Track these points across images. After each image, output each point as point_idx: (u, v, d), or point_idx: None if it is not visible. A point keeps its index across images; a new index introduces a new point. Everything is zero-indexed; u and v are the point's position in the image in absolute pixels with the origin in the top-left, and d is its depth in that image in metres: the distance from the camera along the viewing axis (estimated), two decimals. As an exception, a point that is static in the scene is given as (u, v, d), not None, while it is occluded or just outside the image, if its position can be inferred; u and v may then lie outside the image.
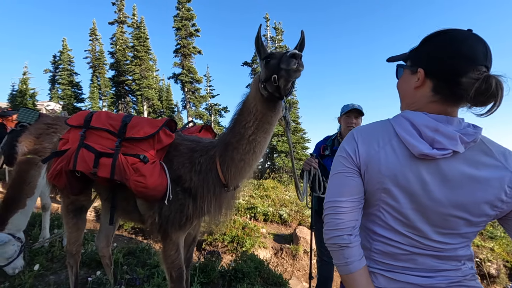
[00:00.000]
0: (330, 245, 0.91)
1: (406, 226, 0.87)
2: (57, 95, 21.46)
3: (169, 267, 1.87)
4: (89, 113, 1.98)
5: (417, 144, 0.82)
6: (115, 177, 1.72)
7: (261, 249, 4.96)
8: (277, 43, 22.97)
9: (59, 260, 3.10)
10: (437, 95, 0.85)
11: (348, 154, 0.92)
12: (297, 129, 21.15)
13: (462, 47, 0.80)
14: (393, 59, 1.03)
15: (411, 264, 0.89)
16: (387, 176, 0.86)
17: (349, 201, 0.89)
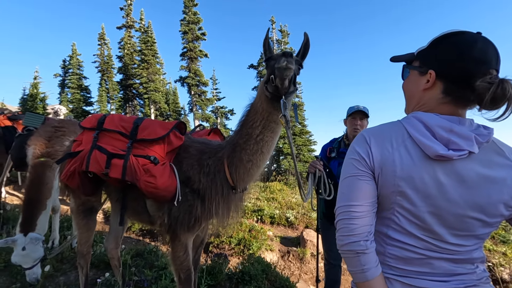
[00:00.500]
0: (345, 252, 0.87)
1: (422, 230, 0.85)
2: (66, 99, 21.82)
3: (177, 268, 1.89)
4: (103, 116, 2.03)
5: (432, 145, 0.81)
6: (126, 178, 1.75)
7: (268, 252, 4.94)
8: (283, 45, 22.99)
9: (68, 261, 3.15)
10: (448, 96, 0.85)
11: (361, 156, 0.89)
12: (303, 131, 21.08)
13: (474, 50, 0.80)
14: (398, 59, 1.03)
15: (427, 268, 0.86)
16: (402, 179, 0.83)
17: (364, 205, 0.87)
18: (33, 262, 2.48)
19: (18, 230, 2.50)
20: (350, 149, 0.95)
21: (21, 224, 2.52)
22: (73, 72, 22.48)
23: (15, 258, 2.41)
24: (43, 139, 2.97)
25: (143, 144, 1.85)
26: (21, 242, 2.41)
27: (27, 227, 2.50)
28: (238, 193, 1.86)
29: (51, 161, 2.82)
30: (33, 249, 2.46)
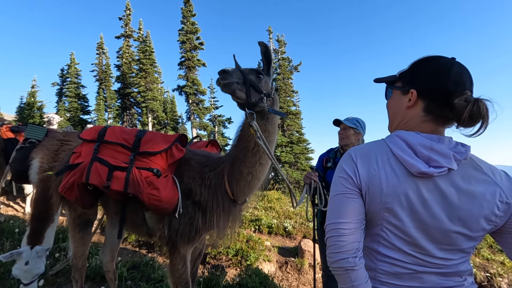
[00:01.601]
0: (335, 269, 0.89)
1: (410, 245, 0.88)
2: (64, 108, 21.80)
3: (175, 281, 1.88)
4: (103, 128, 2.04)
5: (414, 163, 0.86)
6: (129, 190, 1.75)
7: (266, 262, 4.88)
8: (280, 55, 23.27)
9: (63, 274, 3.09)
10: (429, 115, 0.92)
11: (348, 175, 0.93)
12: (301, 140, 21.15)
13: (451, 72, 0.88)
14: (380, 80, 1.11)
15: (417, 283, 0.89)
16: (389, 195, 0.87)
17: (352, 222, 0.89)
18: (32, 278, 2.42)
19: (25, 242, 2.46)
20: (338, 167, 0.99)
21: (28, 236, 2.48)
22: (71, 81, 22.54)
23: (16, 271, 2.37)
24: (49, 152, 2.88)
25: (145, 157, 1.87)
26: (26, 256, 2.37)
27: (35, 240, 2.47)
28: (238, 205, 1.87)
29: None
30: (35, 264, 2.40)
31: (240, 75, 1.56)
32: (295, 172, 19.41)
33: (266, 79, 1.70)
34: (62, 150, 2.94)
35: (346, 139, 2.60)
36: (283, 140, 20.55)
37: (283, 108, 21.36)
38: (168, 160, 1.90)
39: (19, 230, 3.77)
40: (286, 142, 20.60)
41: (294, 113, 21.92)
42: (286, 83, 22.28)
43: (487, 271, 5.41)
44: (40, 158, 2.85)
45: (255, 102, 1.60)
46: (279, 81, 22.20)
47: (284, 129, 21.62)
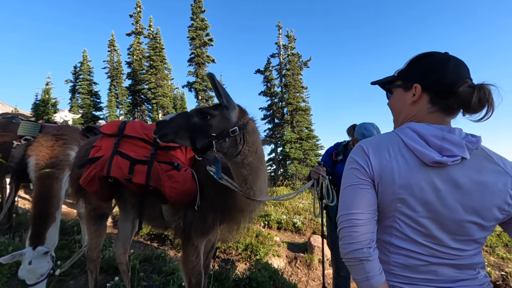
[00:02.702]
0: (349, 260, 0.89)
1: (424, 236, 0.88)
2: (77, 104, 22.26)
3: (188, 272, 1.91)
4: (122, 123, 2.09)
5: (428, 152, 0.86)
6: (150, 183, 1.80)
7: (275, 257, 4.91)
8: (289, 50, 23.08)
9: (78, 266, 3.19)
10: (435, 106, 0.95)
11: (360, 165, 0.93)
12: (310, 136, 21.00)
13: (449, 64, 0.92)
14: (378, 82, 1.16)
15: (431, 275, 0.89)
16: (401, 186, 0.87)
17: (365, 213, 0.89)
18: (37, 278, 2.38)
19: (27, 243, 2.44)
20: (349, 160, 0.99)
21: (30, 238, 2.46)
22: (84, 78, 22.95)
23: (21, 272, 2.34)
24: (44, 148, 2.90)
25: (166, 151, 1.92)
26: (28, 256, 2.33)
27: (37, 241, 2.45)
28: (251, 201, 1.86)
29: (57, 171, 2.79)
30: (39, 264, 2.38)
31: (179, 121, 1.51)
32: (304, 168, 19.32)
33: (221, 115, 1.54)
34: (57, 145, 2.94)
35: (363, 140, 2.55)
36: (292, 136, 20.45)
37: (292, 104, 21.24)
38: (187, 154, 1.95)
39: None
40: (295, 139, 20.49)
41: (304, 109, 21.76)
42: (296, 79, 22.10)
43: (502, 270, 5.29)
44: (36, 155, 2.85)
45: (203, 148, 1.52)
46: (288, 77, 22.05)
47: (293, 125, 21.50)
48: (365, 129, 2.47)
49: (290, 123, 21.81)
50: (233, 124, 1.56)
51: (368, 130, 2.45)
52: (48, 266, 2.44)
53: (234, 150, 1.57)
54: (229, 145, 1.56)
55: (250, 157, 1.61)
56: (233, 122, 1.56)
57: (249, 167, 1.62)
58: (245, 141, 1.59)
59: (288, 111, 21.86)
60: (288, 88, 21.87)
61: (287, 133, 20.87)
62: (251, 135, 1.62)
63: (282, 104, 22.59)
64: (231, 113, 1.56)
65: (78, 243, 3.60)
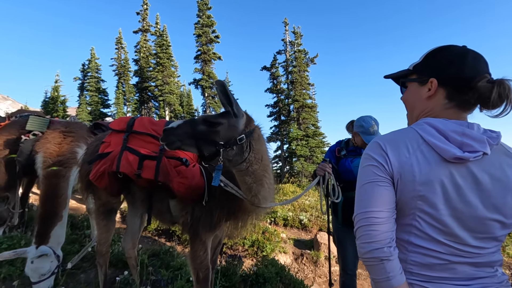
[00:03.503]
0: (369, 259, 0.86)
1: (445, 234, 0.85)
2: (85, 101, 22.58)
3: (196, 267, 1.92)
4: (131, 119, 2.11)
5: (449, 148, 0.84)
6: (159, 178, 1.81)
7: (282, 254, 4.93)
8: (296, 47, 22.94)
9: (88, 260, 3.25)
10: (452, 102, 0.92)
11: (379, 162, 0.90)
12: (317, 133, 20.91)
13: (468, 58, 0.89)
14: (392, 76, 1.12)
15: (449, 273, 0.86)
16: (422, 183, 0.84)
17: (384, 211, 0.86)
18: (39, 277, 2.36)
19: (33, 241, 2.46)
20: (365, 157, 0.96)
21: (35, 236, 2.48)
22: (92, 75, 23.26)
23: (26, 269, 2.36)
24: (52, 145, 2.89)
25: None
26: (31, 255, 2.33)
27: (41, 240, 2.44)
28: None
29: (64, 170, 2.79)
30: (40, 263, 2.37)
31: (186, 129, 1.49)
32: (311, 165, 19.26)
33: (229, 123, 1.53)
34: (65, 143, 2.92)
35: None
36: (299, 133, 20.39)
37: (299, 101, 21.15)
38: None
39: (47, 217, 3.97)
40: (302, 136, 20.42)
41: (310, 106, 21.66)
42: (302, 76, 21.98)
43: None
44: (43, 152, 2.84)
45: (210, 155, 1.51)
46: (294, 74, 21.94)
47: (299, 122, 21.43)
48: (363, 121, 2.48)
49: (297, 120, 21.74)
50: (240, 132, 1.55)
51: (367, 122, 2.47)
52: (50, 266, 2.43)
53: (240, 157, 1.56)
54: (235, 152, 1.55)
55: (255, 165, 1.60)
56: (240, 130, 1.55)
57: (254, 175, 1.61)
58: (251, 148, 1.58)
59: (295, 108, 21.79)
60: (294, 85, 21.78)
61: (293, 130, 20.82)
62: (257, 142, 1.62)
63: (289, 101, 22.52)
64: (239, 121, 1.56)
65: (88, 238, 3.66)
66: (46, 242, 2.46)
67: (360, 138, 2.53)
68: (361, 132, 2.50)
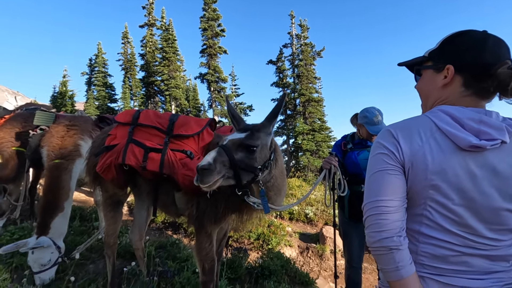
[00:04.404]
0: (378, 249, 0.85)
1: (458, 225, 0.83)
2: (93, 96, 22.80)
3: (202, 259, 1.94)
4: (136, 111, 2.12)
5: (465, 136, 0.80)
6: (164, 171, 1.82)
7: (287, 247, 4.94)
8: (302, 40, 22.68)
9: (96, 251, 3.31)
10: (469, 89, 0.88)
11: (390, 150, 0.87)
12: (323, 127, 20.77)
13: (488, 44, 0.85)
14: (406, 63, 1.08)
15: (463, 266, 0.84)
16: (435, 172, 0.82)
17: (395, 200, 0.85)
18: (39, 268, 2.42)
19: (34, 231, 2.52)
20: (376, 145, 0.93)
21: (36, 227, 2.53)
22: (99, 70, 23.42)
23: (28, 259, 2.42)
24: (55, 139, 2.96)
25: (179, 139, 1.94)
26: (31, 245, 2.37)
27: (41, 231, 2.50)
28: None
29: (66, 162, 2.84)
30: (40, 254, 2.42)
31: (224, 162, 1.36)
32: (317, 160, 19.19)
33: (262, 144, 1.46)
34: (68, 136, 2.99)
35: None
36: (305, 127, 20.28)
37: (305, 95, 20.99)
38: (199, 143, 1.97)
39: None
40: (308, 130, 20.32)
41: (316, 100, 21.48)
42: (309, 69, 21.77)
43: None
44: (47, 146, 2.91)
45: (248, 182, 1.46)
46: (301, 67, 21.73)
47: (305, 117, 21.30)
48: (367, 111, 2.50)
49: (303, 114, 21.61)
50: (271, 150, 1.52)
51: (370, 112, 2.48)
52: (51, 257, 2.48)
53: (269, 176, 1.54)
54: (267, 172, 1.51)
55: (279, 179, 1.60)
56: (269, 148, 1.52)
57: (277, 188, 1.62)
58: (276, 164, 1.56)
59: (301, 102, 21.65)
60: (300, 79, 21.59)
61: (299, 125, 20.72)
62: (279, 156, 1.61)
63: (295, 95, 22.37)
64: (269, 139, 1.51)
65: (96, 229, 3.73)
66: (47, 233, 2.52)
67: (365, 129, 2.53)
68: (366, 123, 2.50)
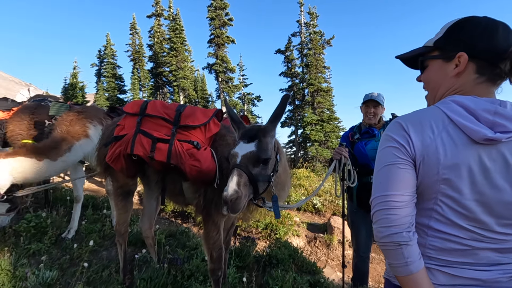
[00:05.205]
0: (386, 244, 0.83)
1: (468, 219, 0.81)
2: (102, 88, 23.02)
3: (210, 247, 1.98)
4: (144, 102, 2.14)
5: (479, 129, 0.78)
6: (171, 161, 1.85)
7: (295, 237, 4.98)
8: (311, 28, 22.21)
9: (109, 238, 3.41)
10: (483, 76, 0.86)
11: (400, 144, 0.85)
12: (332, 118, 20.54)
13: (499, 28, 0.84)
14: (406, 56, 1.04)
15: (470, 259, 0.83)
16: (447, 166, 0.80)
17: (405, 195, 0.83)
18: None
19: None
20: (384, 138, 0.91)
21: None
22: (108, 61, 23.57)
23: None
24: (65, 121, 3.12)
25: (186, 130, 1.95)
26: None
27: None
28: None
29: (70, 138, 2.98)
30: None
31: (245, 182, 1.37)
32: (325, 150, 19.08)
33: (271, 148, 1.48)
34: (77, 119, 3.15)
35: (377, 116, 2.70)
36: (313, 118, 20.09)
37: (314, 85, 20.72)
38: (206, 134, 1.98)
39: (70, 198, 4.18)
40: (316, 120, 20.13)
41: (325, 90, 21.17)
42: (318, 59, 21.38)
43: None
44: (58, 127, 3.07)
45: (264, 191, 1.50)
46: (310, 57, 21.37)
47: (314, 107, 21.07)
48: (369, 93, 2.70)
49: (311, 104, 21.37)
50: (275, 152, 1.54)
51: (368, 92, 2.70)
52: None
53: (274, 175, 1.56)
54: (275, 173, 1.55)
55: (283, 175, 1.64)
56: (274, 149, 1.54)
57: (281, 185, 1.66)
58: (278, 161, 1.58)
59: (309, 92, 21.38)
60: (309, 68, 21.27)
61: (307, 115, 20.54)
62: (282, 153, 1.62)
63: (303, 85, 22.09)
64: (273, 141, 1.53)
65: (108, 218, 3.83)
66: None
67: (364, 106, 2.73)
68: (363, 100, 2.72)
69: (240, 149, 1.43)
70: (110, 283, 2.47)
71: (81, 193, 3.54)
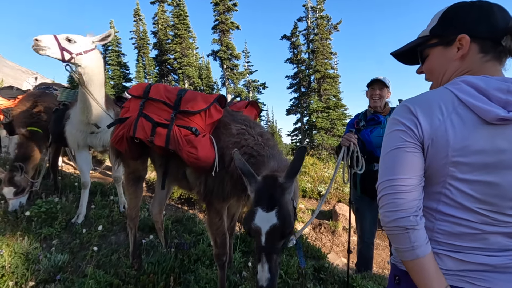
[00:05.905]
0: (393, 228, 0.82)
1: (479, 202, 0.79)
2: (108, 76, 23.04)
3: (213, 233, 2.01)
4: (148, 85, 2.12)
5: (491, 109, 0.75)
6: (170, 146, 1.84)
7: (300, 223, 5.03)
8: (318, 13, 21.68)
9: (118, 224, 3.49)
10: (488, 54, 0.85)
11: (407, 127, 0.83)
12: (338, 105, 20.32)
13: (493, 7, 0.85)
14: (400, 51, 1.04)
15: (480, 244, 0.81)
16: (457, 148, 0.78)
17: (412, 178, 0.81)
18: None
19: None
20: (391, 121, 0.89)
21: None
22: (113, 49, 23.46)
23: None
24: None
25: (185, 115, 1.91)
26: None
27: None
28: None
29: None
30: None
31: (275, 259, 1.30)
32: (331, 138, 18.98)
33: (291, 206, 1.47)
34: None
35: (383, 99, 2.67)
36: (319, 105, 19.90)
37: (320, 71, 20.40)
38: (206, 120, 1.93)
39: (78, 184, 4.26)
40: (322, 108, 19.94)
41: (332, 77, 20.87)
42: (324, 44, 20.97)
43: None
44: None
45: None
46: (316, 42, 20.95)
47: (320, 94, 20.83)
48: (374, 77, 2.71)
49: (317, 91, 21.13)
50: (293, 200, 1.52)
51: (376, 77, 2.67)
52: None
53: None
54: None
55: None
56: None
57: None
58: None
59: (315, 79, 21.10)
60: (315, 55, 20.91)
61: (313, 102, 20.36)
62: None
63: (309, 71, 21.79)
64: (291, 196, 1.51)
65: (116, 204, 3.91)
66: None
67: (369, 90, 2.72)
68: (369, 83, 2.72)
69: (261, 221, 1.29)
70: (119, 266, 2.53)
71: (88, 179, 3.58)
